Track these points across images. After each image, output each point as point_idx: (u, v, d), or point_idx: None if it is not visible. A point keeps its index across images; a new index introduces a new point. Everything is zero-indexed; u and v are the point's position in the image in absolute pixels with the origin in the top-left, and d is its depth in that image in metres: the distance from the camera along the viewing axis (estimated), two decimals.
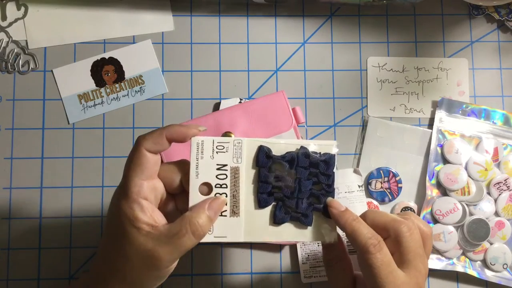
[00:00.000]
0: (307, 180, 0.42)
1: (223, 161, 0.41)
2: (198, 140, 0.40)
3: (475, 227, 0.54)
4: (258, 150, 0.41)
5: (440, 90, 0.59)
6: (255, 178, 0.41)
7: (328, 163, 0.42)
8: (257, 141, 0.41)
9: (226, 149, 0.41)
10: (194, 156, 0.41)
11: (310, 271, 0.55)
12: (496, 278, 0.55)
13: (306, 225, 0.42)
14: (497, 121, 0.57)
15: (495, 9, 0.59)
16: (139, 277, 0.40)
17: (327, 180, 0.42)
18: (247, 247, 0.56)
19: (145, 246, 0.39)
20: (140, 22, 0.58)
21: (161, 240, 0.39)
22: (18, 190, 0.56)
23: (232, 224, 0.41)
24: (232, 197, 0.41)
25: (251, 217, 0.41)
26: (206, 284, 0.55)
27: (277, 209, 0.41)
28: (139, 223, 0.39)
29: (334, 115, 0.58)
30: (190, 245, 0.39)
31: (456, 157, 0.56)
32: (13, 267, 0.55)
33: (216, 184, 0.41)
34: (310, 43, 0.59)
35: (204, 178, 0.41)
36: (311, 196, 0.42)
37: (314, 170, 0.42)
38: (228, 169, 0.41)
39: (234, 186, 0.41)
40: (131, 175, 0.39)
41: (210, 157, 0.41)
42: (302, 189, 0.41)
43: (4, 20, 0.58)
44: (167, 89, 0.58)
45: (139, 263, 0.39)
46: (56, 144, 0.56)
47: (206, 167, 0.41)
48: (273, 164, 0.41)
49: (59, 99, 0.57)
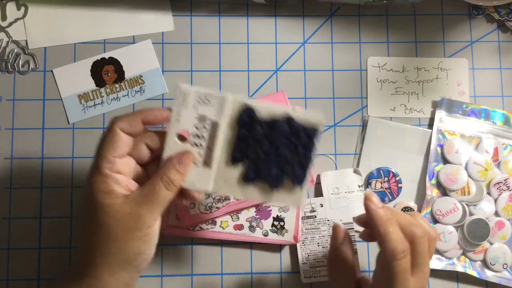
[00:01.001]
0: (285, 147, 0.42)
1: (205, 113, 0.42)
2: (183, 89, 0.41)
3: (475, 227, 0.54)
4: (242, 109, 0.41)
5: (440, 90, 0.59)
6: (233, 136, 0.42)
7: (310, 137, 0.41)
8: (243, 100, 0.42)
9: (210, 102, 0.42)
10: (177, 103, 0.41)
11: (310, 271, 0.55)
12: (496, 278, 0.55)
13: (274, 189, 0.42)
14: (497, 121, 0.57)
15: (495, 9, 0.59)
16: (123, 245, 0.40)
17: (305, 152, 0.42)
18: (247, 247, 0.56)
19: (123, 211, 0.40)
20: (140, 22, 0.58)
21: (138, 201, 0.40)
22: (18, 190, 0.56)
23: (203, 174, 0.42)
24: (207, 149, 0.42)
25: (223, 172, 0.42)
26: (206, 284, 0.55)
27: (249, 168, 0.42)
28: (115, 194, 0.40)
29: (334, 115, 0.58)
30: (166, 198, 0.41)
31: (456, 157, 0.56)
32: (13, 267, 0.55)
33: (194, 133, 0.42)
34: (310, 43, 0.59)
35: (183, 125, 0.42)
36: (285, 164, 0.42)
37: (295, 140, 0.42)
38: (209, 122, 0.42)
39: (211, 139, 0.42)
40: (104, 152, 0.41)
41: (192, 108, 0.41)
42: (277, 156, 0.42)
43: (4, 20, 0.58)
44: (167, 89, 0.58)
45: (121, 230, 0.40)
46: (56, 144, 0.56)
47: (187, 116, 0.41)
48: (254, 125, 0.41)
49: (59, 99, 0.57)
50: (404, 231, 0.41)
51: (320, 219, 0.55)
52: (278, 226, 0.54)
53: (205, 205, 0.53)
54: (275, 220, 0.54)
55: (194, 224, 0.54)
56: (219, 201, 0.53)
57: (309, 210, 0.56)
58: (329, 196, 0.56)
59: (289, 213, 0.55)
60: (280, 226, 0.54)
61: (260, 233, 0.54)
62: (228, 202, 0.54)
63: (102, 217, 0.40)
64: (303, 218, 0.55)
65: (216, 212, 0.53)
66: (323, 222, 0.55)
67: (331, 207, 0.56)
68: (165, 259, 0.55)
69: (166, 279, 0.55)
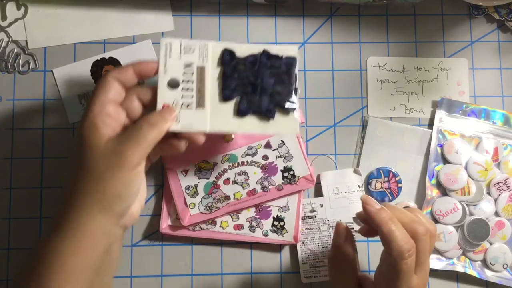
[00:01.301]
0: (268, 78, 0.46)
1: (190, 60, 0.45)
2: (167, 41, 0.45)
3: (475, 227, 0.54)
4: (223, 52, 0.46)
5: (440, 90, 0.59)
6: (220, 76, 0.46)
7: (289, 64, 0.46)
8: (222, 44, 0.46)
9: (193, 50, 0.45)
10: (162, 55, 0.45)
11: (310, 271, 0.55)
12: (496, 278, 0.55)
13: (268, 118, 0.45)
14: (497, 121, 0.57)
15: (495, 9, 0.59)
16: (102, 184, 0.39)
17: (288, 79, 0.46)
18: (247, 247, 0.56)
19: (106, 148, 0.40)
20: (140, 22, 0.58)
21: (122, 138, 0.40)
22: (18, 190, 0.56)
23: (198, 115, 0.45)
24: (198, 92, 0.45)
25: (216, 110, 0.45)
26: (206, 284, 0.55)
27: (241, 102, 0.45)
28: (101, 132, 0.40)
29: (334, 115, 0.58)
30: (149, 138, 0.41)
31: (456, 157, 0.56)
32: (13, 267, 0.55)
33: (183, 80, 0.45)
34: (310, 43, 0.59)
35: (171, 74, 0.45)
36: (273, 93, 0.46)
37: (275, 70, 0.46)
38: (194, 67, 0.45)
39: (200, 82, 0.45)
40: (95, 97, 0.42)
41: (178, 57, 0.45)
42: (264, 86, 0.45)
43: (4, 20, 0.58)
44: None
45: (101, 167, 0.39)
46: (56, 144, 0.56)
47: (174, 65, 0.45)
48: (237, 65, 0.46)
49: (59, 99, 0.57)
50: (406, 229, 0.41)
51: (320, 219, 0.55)
52: (278, 226, 0.54)
53: (205, 205, 0.53)
54: (275, 220, 0.55)
55: (194, 224, 0.54)
56: (219, 201, 0.53)
57: (309, 210, 0.56)
58: (329, 196, 0.56)
59: (289, 213, 0.54)
60: (280, 226, 0.54)
61: (260, 233, 0.54)
62: (228, 202, 0.54)
63: (86, 152, 0.40)
64: (303, 218, 0.55)
65: (216, 212, 0.53)
66: (323, 222, 0.55)
67: (331, 207, 0.56)
68: (165, 259, 0.55)
69: (166, 279, 0.55)
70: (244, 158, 0.54)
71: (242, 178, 0.54)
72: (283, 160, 0.54)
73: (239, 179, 0.54)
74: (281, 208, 0.55)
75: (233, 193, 0.54)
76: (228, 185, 0.54)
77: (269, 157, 0.54)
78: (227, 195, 0.54)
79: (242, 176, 0.54)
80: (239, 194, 0.54)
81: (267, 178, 0.54)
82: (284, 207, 0.55)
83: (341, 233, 0.46)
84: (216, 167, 0.54)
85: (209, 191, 0.54)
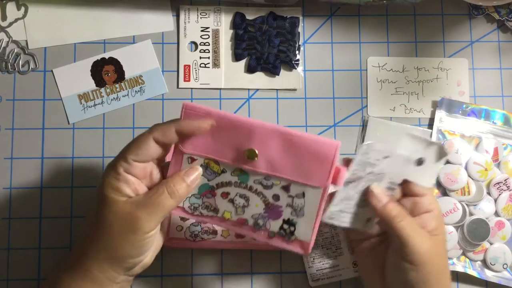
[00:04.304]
0: (275, 37, 0.55)
1: (206, 24, 0.55)
2: (185, 8, 0.55)
3: (475, 227, 0.54)
4: (234, 15, 0.56)
5: (440, 90, 0.59)
6: (233, 38, 0.55)
7: (293, 24, 0.56)
8: (233, 9, 0.56)
9: (208, 15, 0.55)
10: (182, 21, 0.55)
11: (317, 274, 0.54)
12: (496, 278, 0.55)
13: (275, 75, 0.55)
14: (497, 121, 0.57)
15: (495, 9, 0.59)
16: (115, 244, 0.40)
17: (292, 38, 0.56)
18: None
19: (124, 210, 0.40)
20: (140, 22, 0.58)
21: (140, 203, 0.40)
22: (18, 190, 0.56)
23: (214, 74, 0.55)
24: (214, 52, 0.55)
25: (230, 68, 0.55)
26: (206, 284, 0.55)
27: (251, 60, 0.55)
28: (121, 192, 0.40)
29: (334, 115, 0.58)
30: (168, 206, 0.41)
31: (456, 157, 0.56)
32: (13, 267, 0.55)
33: (201, 42, 0.55)
34: (310, 43, 0.59)
35: (191, 37, 0.55)
36: (279, 52, 0.55)
37: (281, 30, 0.55)
38: (210, 30, 0.55)
39: (215, 44, 0.55)
40: (125, 153, 0.41)
41: (195, 21, 0.55)
42: (271, 44, 0.55)
43: (4, 20, 0.58)
44: (167, 89, 0.57)
45: (117, 228, 0.40)
46: (56, 144, 0.56)
47: (192, 28, 0.56)
48: (247, 26, 0.55)
49: (59, 99, 0.57)
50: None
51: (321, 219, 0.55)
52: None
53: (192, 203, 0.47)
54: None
55: (194, 235, 0.53)
56: (206, 207, 0.47)
57: None
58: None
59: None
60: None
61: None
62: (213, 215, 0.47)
63: (104, 211, 0.40)
64: None
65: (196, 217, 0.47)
66: (324, 224, 0.55)
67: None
68: (165, 259, 0.55)
69: (166, 279, 0.55)
70: (255, 184, 0.45)
71: (241, 202, 0.46)
72: (292, 212, 0.45)
73: (238, 201, 0.46)
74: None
75: (224, 210, 0.46)
76: (224, 200, 0.46)
77: (280, 200, 0.45)
78: (216, 208, 0.46)
79: (242, 199, 0.46)
80: (229, 215, 0.46)
81: (265, 218, 0.46)
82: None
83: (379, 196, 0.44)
84: (223, 175, 0.46)
85: (203, 193, 0.46)
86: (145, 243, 0.41)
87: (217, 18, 0.55)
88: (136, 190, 0.41)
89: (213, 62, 0.54)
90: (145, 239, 0.41)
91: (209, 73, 0.56)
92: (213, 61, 0.54)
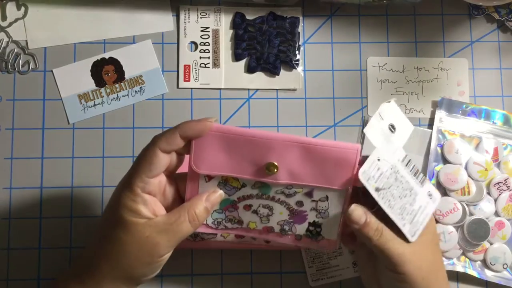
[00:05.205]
0: (275, 37, 0.55)
1: (206, 24, 0.55)
2: (185, 8, 0.55)
3: (475, 227, 0.54)
4: (234, 15, 0.55)
5: (440, 90, 0.59)
6: (232, 38, 0.55)
7: (293, 24, 0.56)
8: (233, 9, 0.55)
9: (208, 15, 0.55)
10: (182, 21, 0.55)
11: (317, 274, 0.55)
12: (496, 278, 0.55)
13: (275, 75, 0.55)
14: (497, 121, 0.57)
15: (495, 9, 0.59)
16: (131, 265, 0.40)
17: (292, 38, 0.55)
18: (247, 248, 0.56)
19: (142, 234, 0.40)
20: (140, 22, 0.58)
21: (159, 228, 0.40)
22: (18, 190, 0.56)
23: (214, 73, 0.55)
24: (214, 52, 0.54)
25: (230, 68, 0.55)
26: (206, 284, 0.55)
27: (251, 60, 0.55)
28: (140, 215, 0.40)
29: (334, 115, 0.58)
30: (187, 233, 0.41)
31: (456, 157, 0.56)
32: (13, 267, 0.55)
33: (201, 42, 0.54)
34: (310, 43, 0.59)
35: (191, 37, 0.55)
36: (279, 52, 0.55)
37: (281, 30, 0.55)
38: (210, 30, 0.54)
39: (215, 44, 0.55)
40: (139, 171, 0.40)
41: (195, 21, 0.55)
42: (271, 44, 0.54)
43: (4, 20, 0.58)
44: (167, 89, 0.58)
45: (135, 250, 0.40)
46: (56, 144, 0.56)
47: (192, 28, 0.55)
48: (247, 26, 0.55)
49: (59, 99, 0.57)
50: None
51: None
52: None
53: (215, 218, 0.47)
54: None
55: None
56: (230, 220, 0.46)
57: None
58: None
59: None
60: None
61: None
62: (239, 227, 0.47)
63: (121, 232, 0.40)
64: None
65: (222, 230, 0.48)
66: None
67: None
68: None
69: (166, 279, 0.55)
70: (277, 194, 0.44)
71: (265, 212, 0.45)
72: (317, 214, 0.45)
73: (262, 211, 0.45)
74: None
75: (249, 221, 0.46)
76: (247, 212, 0.45)
77: (304, 205, 0.45)
78: (241, 220, 0.46)
79: (266, 209, 0.45)
80: (254, 225, 0.46)
81: (291, 223, 0.46)
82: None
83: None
84: (243, 189, 0.44)
85: (225, 208, 0.46)
86: (160, 264, 0.42)
87: (217, 18, 0.55)
88: (153, 211, 0.41)
89: (213, 62, 0.54)
90: (162, 260, 0.42)
91: (209, 73, 0.55)
92: (213, 61, 0.54)
